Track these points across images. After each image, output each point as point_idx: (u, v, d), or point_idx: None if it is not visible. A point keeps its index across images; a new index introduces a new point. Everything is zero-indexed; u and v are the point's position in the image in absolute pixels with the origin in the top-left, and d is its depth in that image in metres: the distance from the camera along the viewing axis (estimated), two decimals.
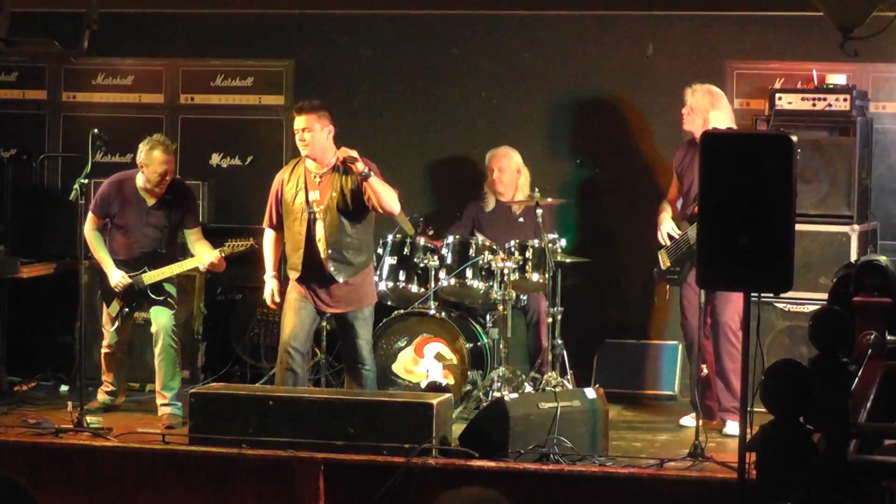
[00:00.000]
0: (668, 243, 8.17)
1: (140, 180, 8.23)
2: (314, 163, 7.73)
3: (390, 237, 8.50)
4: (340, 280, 7.71)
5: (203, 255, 8.17)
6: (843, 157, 8.45)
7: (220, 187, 9.65)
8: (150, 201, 8.25)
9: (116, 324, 8.27)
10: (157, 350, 8.19)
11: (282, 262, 8.03)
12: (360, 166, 7.58)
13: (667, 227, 8.18)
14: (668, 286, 8.30)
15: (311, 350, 8.12)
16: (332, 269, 7.69)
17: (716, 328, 8.01)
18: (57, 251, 9.51)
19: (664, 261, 8.22)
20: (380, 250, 8.51)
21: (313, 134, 7.64)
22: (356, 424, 7.09)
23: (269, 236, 7.93)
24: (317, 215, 7.69)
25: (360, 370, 7.82)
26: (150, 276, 8.19)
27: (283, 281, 7.95)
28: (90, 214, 8.26)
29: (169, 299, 8.25)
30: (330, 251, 7.69)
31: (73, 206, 8.03)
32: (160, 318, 8.19)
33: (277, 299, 7.87)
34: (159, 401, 8.12)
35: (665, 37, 9.37)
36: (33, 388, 9.09)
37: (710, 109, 8.03)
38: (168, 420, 8.02)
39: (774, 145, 5.74)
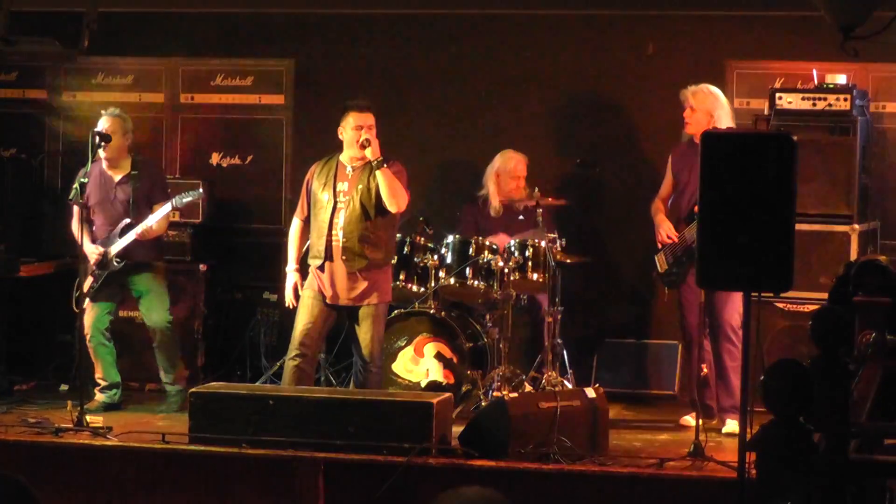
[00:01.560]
0: (668, 244, 8.17)
1: (103, 162, 8.45)
2: (350, 157, 7.83)
3: None
4: (352, 270, 7.74)
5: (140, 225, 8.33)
6: (843, 157, 8.45)
7: (220, 187, 9.65)
8: (116, 177, 8.44)
9: (87, 301, 8.35)
10: (155, 344, 8.49)
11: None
12: (370, 153, 7.70)
13: (666, 228, 8.18)
14: (665, 288, 8.32)
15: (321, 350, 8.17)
16: (344, 258, 7.74)
17: (715, 327, 8.01)
18: (57, 251, 9.51)
19: (661, 264, 8.23)
20: None
21: (374, 131, 7.81)
22: (356, 424, 7.09)
23: (295, 226, 8.05)
24: (340, 204, 7.79)
25: (367, 369, 7.83)
26: (117, 244, 8.34)
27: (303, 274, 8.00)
28: (73, 208, 8.48)
29: (147, 265, 8.44)
30: (345, 240, 7.75)
31: (73, 206, 8.04)
32: (152, 316, 8.45)
33: (300, 294, 7.90)
34: (164, 380, 8.50)
35: (665, 37, 9.37)
36: (33, 388, 9.10)
37: (713, 110, 8.04)
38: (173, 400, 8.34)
39: (774, 145, 5.75)
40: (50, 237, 9.78)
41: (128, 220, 8.35)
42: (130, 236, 8.31)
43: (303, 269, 8.03)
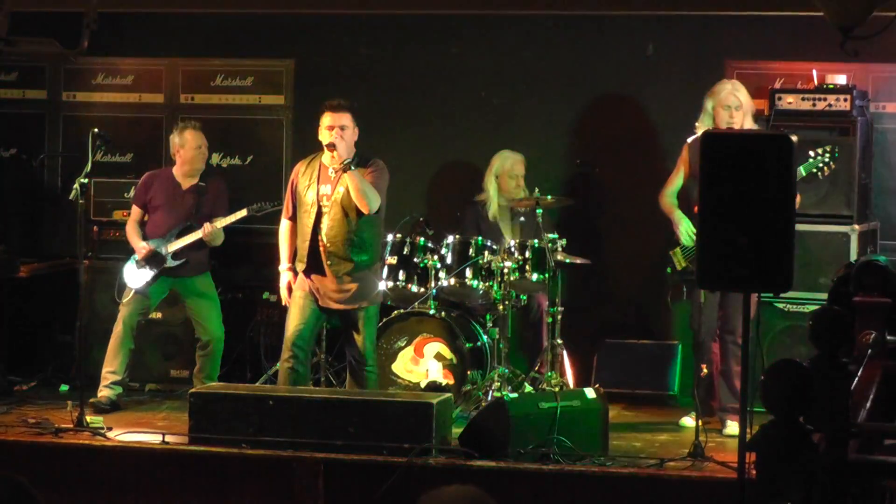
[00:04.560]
0: (689, 244, 8.01)
1: (175, 169, 8.65)
2: (331, 158, 7.80)
3: (390, 237, 8.49)
4: (339, 275, 7.74)
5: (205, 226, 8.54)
6: (843, 157, 8.44)
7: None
8: (185, 185, 8.65)
9: (131, 293, 8.48)
10: (205, 352, 8.58)
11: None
12: (338, 156, 7.68)
13: (686, 226, 8.04)
14: (683, 286, 8.18)
15: (313, 349, 8.17)
16: (329, 263, 7.74)
17: (726, 331, 7.96)
18: (57, 251, 9.51)
19: (679, 261, 8.10)
20: None
21: (347, 131, 7.76)
22: (356, 424, 7.09)
23: (284, 227, 8.06)
24: (324, 209, 7.77)
25: (362, 370, 7.84)
26: (173, 244, 8.50)
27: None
28: (132, 207, 8.73)
29: (204, 271, 8.62)
30: (330, 245, 7.74)
31: (73, 206, 8.05)
32: (209, 325, 8.59)
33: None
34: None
35: (665, 37, 9.37)
36: (33, 388, 9.09)
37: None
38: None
39: (774, 145, 5.74)
40: (50, 237, 9.78)
41: (188, 224, 8.53)
42: (192, 237, 8.46)
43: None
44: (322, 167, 7.87)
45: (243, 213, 8.51)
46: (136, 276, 8.50)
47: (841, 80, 8.60)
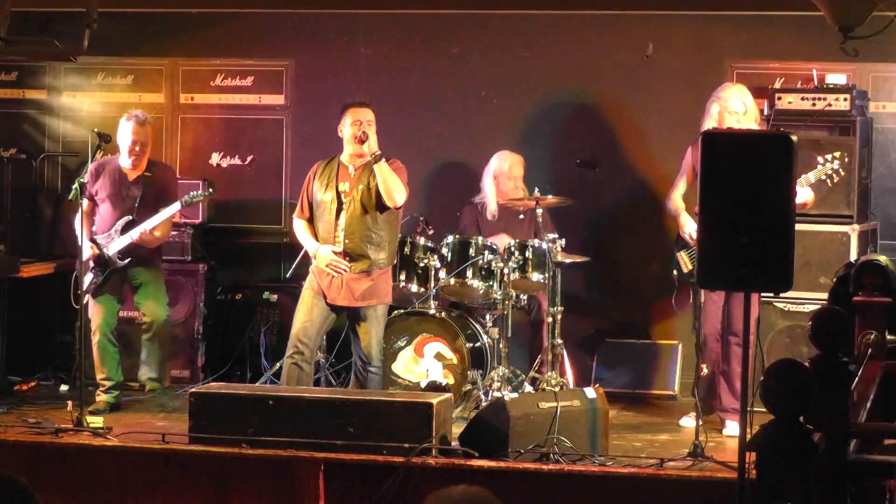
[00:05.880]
0: (693, 245, 7.98)
1: (121, 159, 8.43)
2: (350, 156, 7.82)
3: None
4: (355, 272, 7.74)
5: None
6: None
7: (220, 187, 9.65)
8: (131, 176, 8.43)
9: (87, 297, 8.26)
10: (147, 336, 8.43)
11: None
12: (368, 148, 7.70)
13: (691, 227, 7.99)
14: (689, 290, 8.14)
15: (319, 349, 8.16)
16: (347, 259, 7.73)
17: (730, 331, 7.95)
18: (57, 251, 9.51)
19: (686, 263, 8.09)
20: None
21: (372, 127, 7.79)
22: (356, 424, 7.09)
23: (299, 224, 8.01)
24: (343, 205, 7.78)
25: (367, 370, 7.84)
26: (116, 243, 8.30)
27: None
28: (84, 202, 8.35)
29: (149, 259, 8.40)
30: (348, 242, 7.75)
31: (73, 206, 8.04)
32: (150, 306, 8.40)
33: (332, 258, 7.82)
34: (147, 376, 8.45)
35: (665, 37, 9.37)
36: (33, 388, 9.10)
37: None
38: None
39: (774, 145, 5.74)
40: (50, 237, 9.78)
41: (130, 218, 8.31)
42: (133, 235, 8.26)
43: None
44: (341, 166, 7.88)
45: (177, 205, 8.32)
46: (87, 279, 8.26)
47: (841, 80, 8.60)
